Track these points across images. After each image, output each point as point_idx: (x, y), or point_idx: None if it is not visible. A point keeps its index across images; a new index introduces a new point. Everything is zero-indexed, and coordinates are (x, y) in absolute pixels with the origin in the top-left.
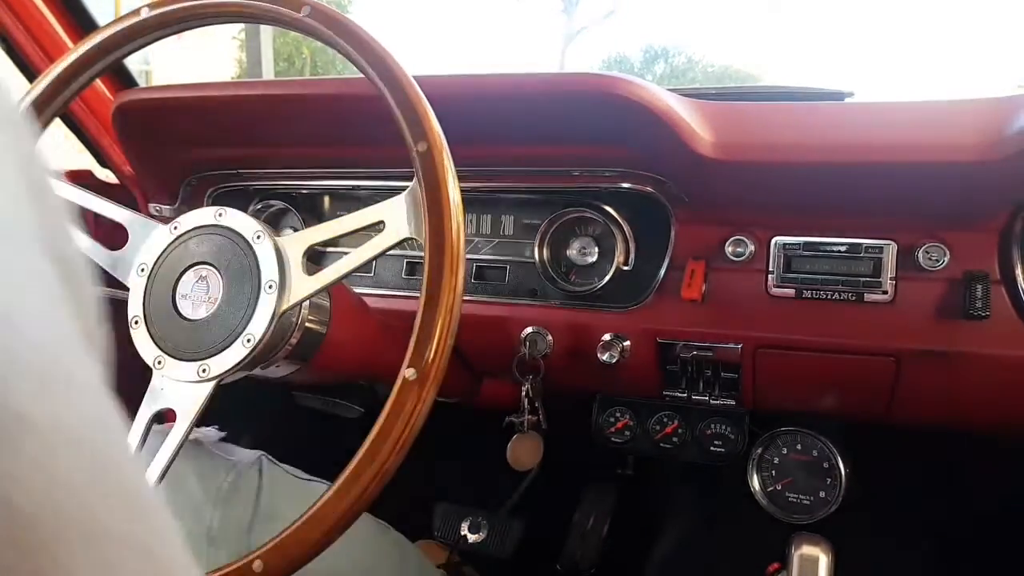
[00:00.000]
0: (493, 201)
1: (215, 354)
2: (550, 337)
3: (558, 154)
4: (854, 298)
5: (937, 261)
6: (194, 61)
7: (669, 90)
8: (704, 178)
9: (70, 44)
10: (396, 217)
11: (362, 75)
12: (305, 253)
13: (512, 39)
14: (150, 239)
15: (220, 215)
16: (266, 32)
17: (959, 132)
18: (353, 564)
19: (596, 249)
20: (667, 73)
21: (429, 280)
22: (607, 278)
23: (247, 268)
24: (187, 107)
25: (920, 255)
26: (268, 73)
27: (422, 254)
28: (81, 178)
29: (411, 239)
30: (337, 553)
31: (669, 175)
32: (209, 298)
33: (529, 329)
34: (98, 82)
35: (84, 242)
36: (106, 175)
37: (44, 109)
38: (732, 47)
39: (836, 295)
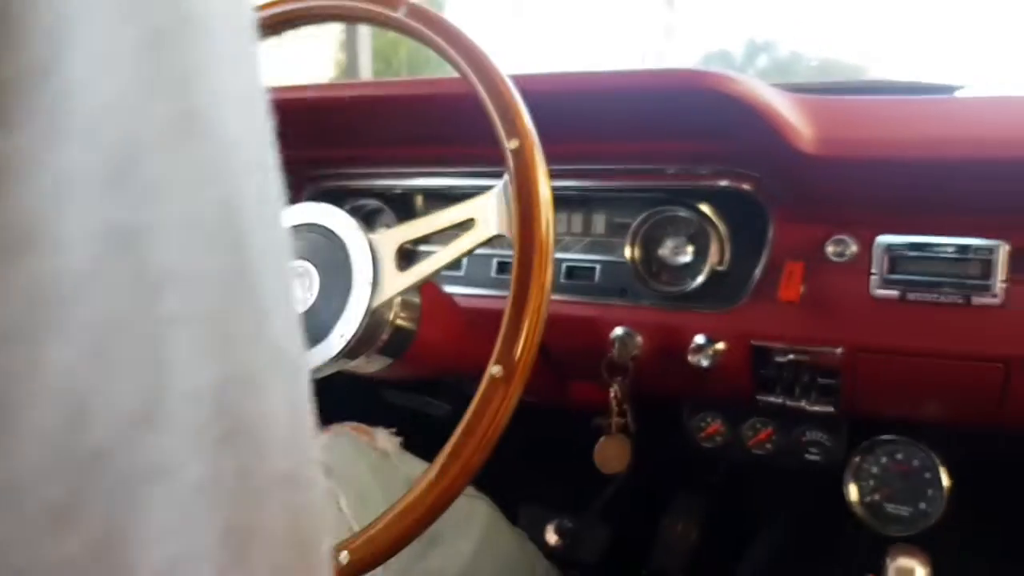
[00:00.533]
0: (584, 199)
1: (310, 347)
2: (640, 338)
3: (652, 151)
4: (962, 301)
5: None
6: (295, 61)
7: (770, 85)
8: (804, 175)
9: None
10: (486, 215)
11: (455, 75)
12: (397, 250)
13: (611, 32)
14: None
15: (317, 213)
16: (364, 34)
17: None
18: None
19: (689, 249)
20: (770, 67)
21: (517, 277)
22: (700, 279)
23: (341, 265)
24: (285, 109)
25: None
26: (366, 73)
27: (512, 252)
28: None
29: (500, 236)
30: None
31: (768, 172)
32: (305, 294)
33: (619, 330)
34: None
35: None
36: None
37: None
38: (839, 39)
39: (943, 298)
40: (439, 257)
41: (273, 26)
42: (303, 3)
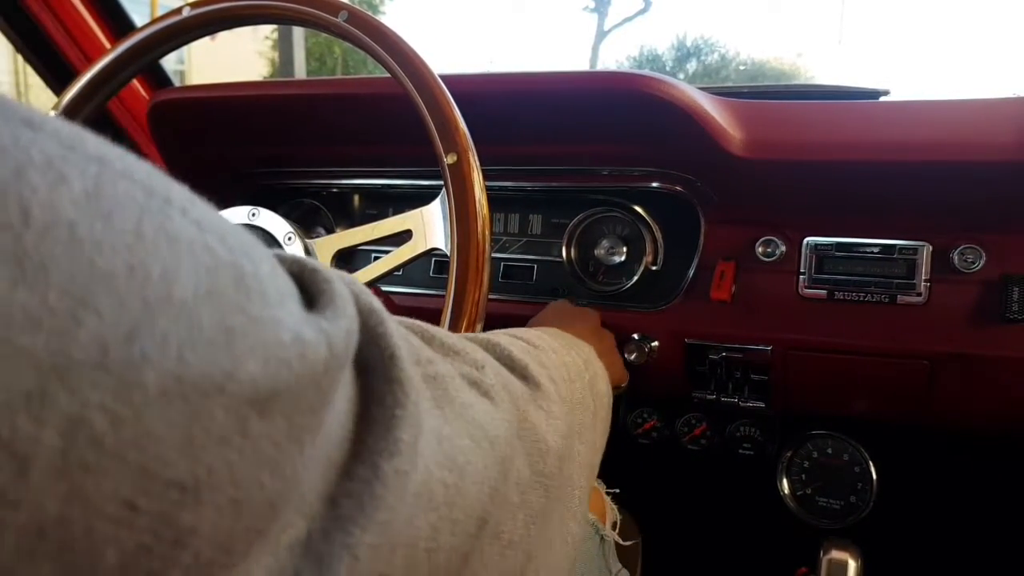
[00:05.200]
0: (521, 200)
1: None
2: None
3: (587, 153)
4: (887, 300)
5: (973, 263)
6: (227, 59)
7: (700, 88)
8: (734, 177)
9: (107, 45)
10: (423, 228)
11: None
12: (334, 257)
13: (544, 38)
14: None
15: (253, 215)
16: (298, 33)
17: (996, 131)
18: None
19: (625, 249)
20: (699, 71)
21: (454, 292)
22: (635, 278)
23: None
24: (221, 107)
25: (955, 257)
26: (300, 72)
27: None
28: None
29: (437, 250)
30: None
31: (699, 174)
32: None
33: None
34: (134, 82)
35: None
36: None
37: (82, 108)
38: (767, 44)
39: (869, 297)
40: (375, 267)
41: (207, 25)
42: (239, 3)
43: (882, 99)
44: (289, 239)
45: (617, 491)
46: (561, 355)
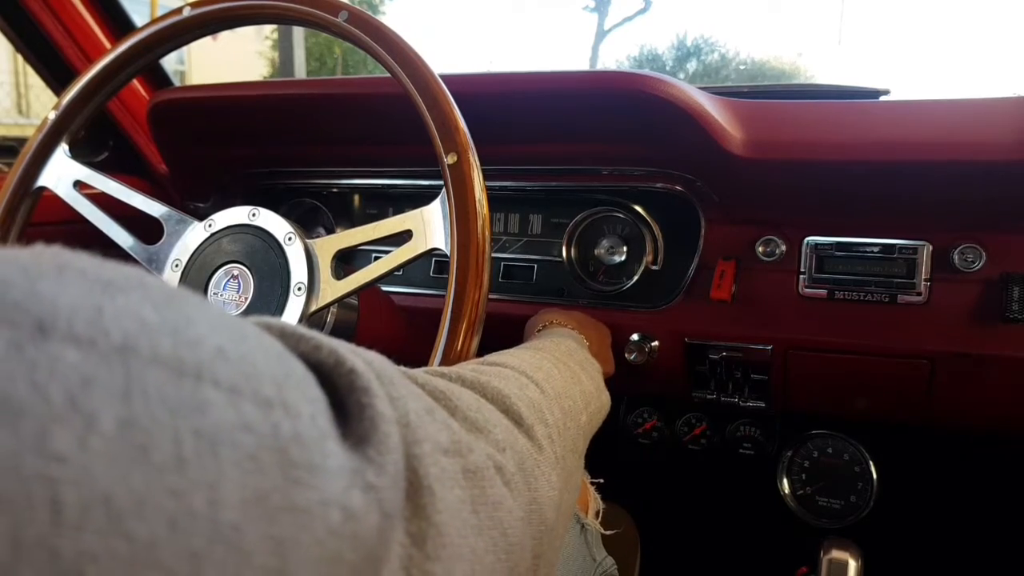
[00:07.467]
0: (521, 199)
1: None
2: None
3: (587, 153)
4: (887, 299)
5: (973, 262)
6: (227, 59)
7: (700, 88)
8: (735, 177)
9: (107, 45)
10: (423, 228)
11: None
12: (334, 257)
13: (545, 38)
14: (185, 235)
15: (254, 215)
16: (298, 33)
17: (995, 131)
18: None
19: (625, 249)
20: (699, 71)
21: (454, 292)
22: (635, 278)
23: (277, 269)
24: (222, 107)
25: (955, 256)
26: (300, 72)
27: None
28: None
29: (437, 250)
30: None
31: (699, 174)
32: (239, 297)
33: None
34: (135, 82)
35: (123, 237)
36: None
37: (82, 108)
38: (767, 44)
39: (869, 296)
40: (375, 267)
41: (207, 25)
42: (239, 3)
43: (882, 99)
44: (289, 239)
45: (601, 481)
46: (562, 400)
